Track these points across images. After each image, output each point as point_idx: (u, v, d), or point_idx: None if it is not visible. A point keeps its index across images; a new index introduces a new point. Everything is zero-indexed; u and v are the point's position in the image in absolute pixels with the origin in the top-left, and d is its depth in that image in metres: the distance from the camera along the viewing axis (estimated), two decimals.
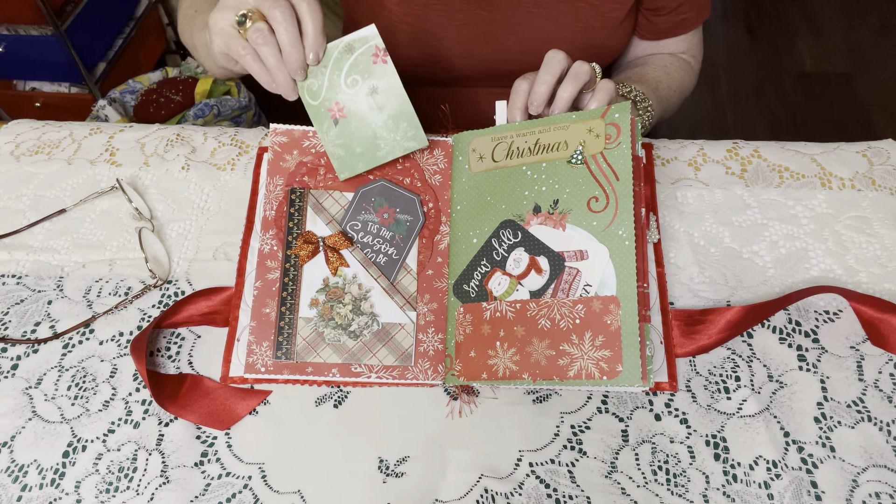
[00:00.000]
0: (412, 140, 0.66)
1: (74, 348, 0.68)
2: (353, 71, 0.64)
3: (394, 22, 0.79)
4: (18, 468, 0.61)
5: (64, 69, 1.79)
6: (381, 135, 0.66)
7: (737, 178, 0.76)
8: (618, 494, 0.58)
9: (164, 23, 2.20)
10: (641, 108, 0.75)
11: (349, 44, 0.63)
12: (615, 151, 0.60)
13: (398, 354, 0.64)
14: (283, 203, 0.68)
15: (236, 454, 0.62)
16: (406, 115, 0.65)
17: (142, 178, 0.80)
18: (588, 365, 0.56)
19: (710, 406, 0.62)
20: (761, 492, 0.58)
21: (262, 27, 0.59)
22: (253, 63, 0.60)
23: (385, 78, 0.64)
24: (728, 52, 2.31)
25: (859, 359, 0.64)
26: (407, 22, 0.79)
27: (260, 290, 0.66)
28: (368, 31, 0.62)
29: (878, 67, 2.22)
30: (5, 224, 0.77)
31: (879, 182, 0.75)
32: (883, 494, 0.57)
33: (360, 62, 0.63)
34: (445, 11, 0.78)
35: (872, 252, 0.70)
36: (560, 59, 0.62)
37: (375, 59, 0.63)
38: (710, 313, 0.65)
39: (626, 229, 0.58)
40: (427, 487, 0.59)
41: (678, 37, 0.86)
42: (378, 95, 0.64)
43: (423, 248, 0.68)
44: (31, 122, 0.87)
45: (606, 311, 0.57)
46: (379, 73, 0.64)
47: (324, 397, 0.64)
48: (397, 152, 0.66)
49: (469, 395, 0.63)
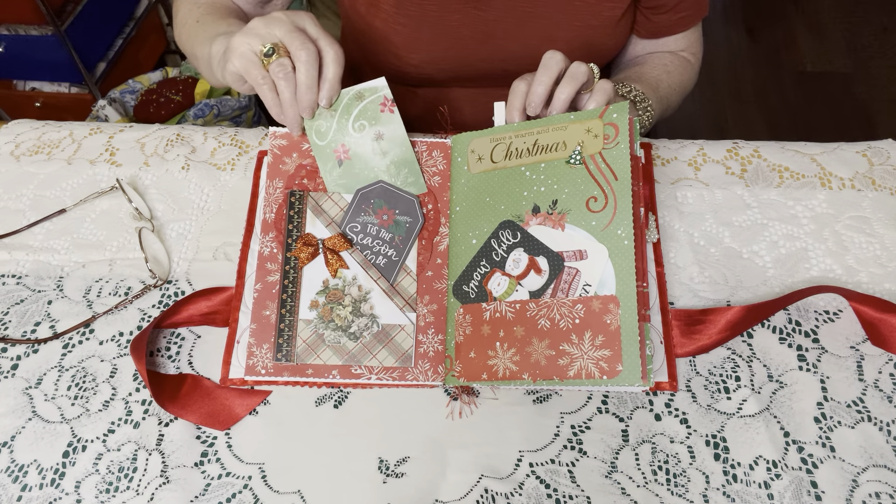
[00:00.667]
0: (412, 185, 0.69)
1: (74, 348, 0.68)
2: (362, 117, 0.67)
3: (390, 23, 0.79)
4: (18, 468, 0.61)
5: (64, 69, 1.79)
6: (382, 178, 0.69)
7: (737, 177, 0.76)
8: (618, 494, 0.58)
9: (164, 23, 2.20)
10: (641, 107, 0.75)
11: (360, 92, 0.66)
12: (613, 151, 0.60)
13: (398, 356, 0.64)
14: (283, 206, 0.68)
15: (236, 454, 0.62)
16: (408, 161, 0.69)
17: (142, 178, 0.80)
18: (588, 364, 0.56)
19: (710, 406, 0.62)
20: (761, 492, 0.58)
21: (286, 63, 0.61)
22: (268, 93, 0.63)
23: (391, 126, 0.67)
24: (728, 52, 2.31)
25: (859, 359, 0.64)
26: (402, 23, 0.79)
27: (260, 292, 0.66)
28: (379, 83, 0.66)
29: (878, 67, 2.22)
30: (5, 224, 0.77)
31: (879, 182, 0.75)
32: (883, 494, 0.57)
33: (368, 109, 0.67)
34: (441, 12, 0.78)
35: (872, 252, 0.70)
36: (558, 59, 0.62)
37: (383, 108, 0.67)
38: (710, 313, 0.65)
39: (624, 229, 0.58)
40: (427, 488, 0.59)
41: (677, 35, 0.86)
42: (383, 141, 0.68)
43: (423, 249, 0.68)
44: (31, 122, 0.87)
45: (606, 310, 0.57)
46: (385, 121, 0.67)
47: (324, 397, 0.64)
48: None
49: (469, 396, 0.63)
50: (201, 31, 0.76)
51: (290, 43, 0.61)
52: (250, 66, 0.62)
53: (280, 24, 0.61)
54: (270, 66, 0.61)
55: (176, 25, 0.84)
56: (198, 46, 0.76)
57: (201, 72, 0.79)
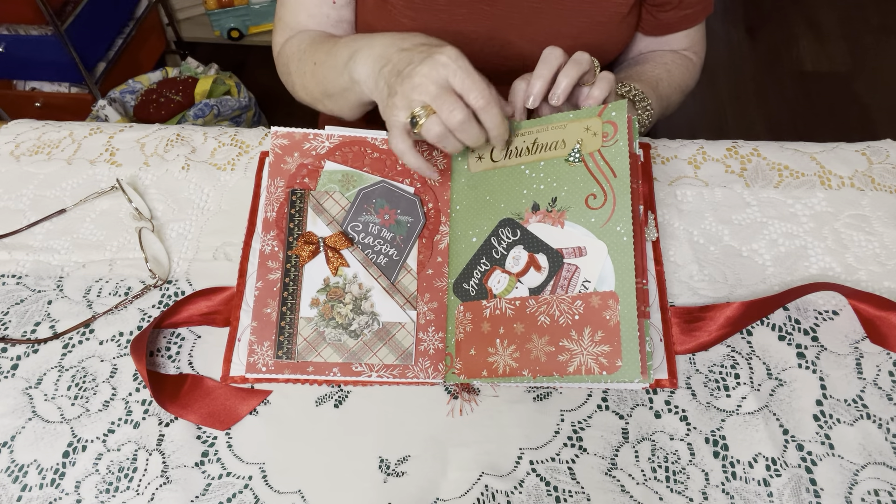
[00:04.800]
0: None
1: (74, 348, 0.68)
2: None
3: (396, 16, 0.79)
4: (18, 468, 0.61)
5: (64, 69, 1.79)
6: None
7: (736, 176, 0.76)
8: (617, 492, 0.58)
9: (164, 23, 2.20)
10: (640, 107, 0.75)
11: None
12: (612, 149, 0.60)
13: (399, 353, 0.64)
14: (284, 204, 0.68)
15: (237, 454, 0.62)
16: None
17: (142, 178, 0.80)
18: (588, 360, 0.56)
19: (710, 403, 0.62)
20: (760, 489, 0.58)
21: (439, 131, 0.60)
22: (452, 146, 0.62)
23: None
24: (728, 52, 2.31)
25: (858, 356, 0.64)
26: (410, 16, 0.79)
27: (261, 290, 0.66)
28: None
29: (878, 67, 2.22)
30: (5, 224, 0.77)
31: (879, 181, 0.75)
32: (882, 492, 0.57)
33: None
34: (448, 6, 0.78)
35: (871, 250, 0.70)
36: (557, 54, 0.62)
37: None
38: (709, 310, 0.65)
39: (624, 225, 0.58)
40: (428, 486, 0.59)
41: (681, 32, 0.86)
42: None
43: (423, 247, 0.68)
44: (31, 122, 0.87)
45: (605, 306, 0.57)
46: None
47: (324, 397, 0.64)
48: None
49: (469, 394, 0.64)
50: (325, 70, 0.75)
51: (439, 110, 0.59)
52: (407, 152, 0.62)
53: (422, 90, 0.59)
54: (423, 134, 0.60)
55: (293, 84, 0.83)
56: (330, 83, 0.74)
57: (340, 107, 0.77)
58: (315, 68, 0.77)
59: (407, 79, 0.60)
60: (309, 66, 0.78)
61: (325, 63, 0.75)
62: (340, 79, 0.71)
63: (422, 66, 0.59)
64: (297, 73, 0.81)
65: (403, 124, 0.61)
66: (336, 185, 0.69)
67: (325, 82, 0.75)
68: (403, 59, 0.62)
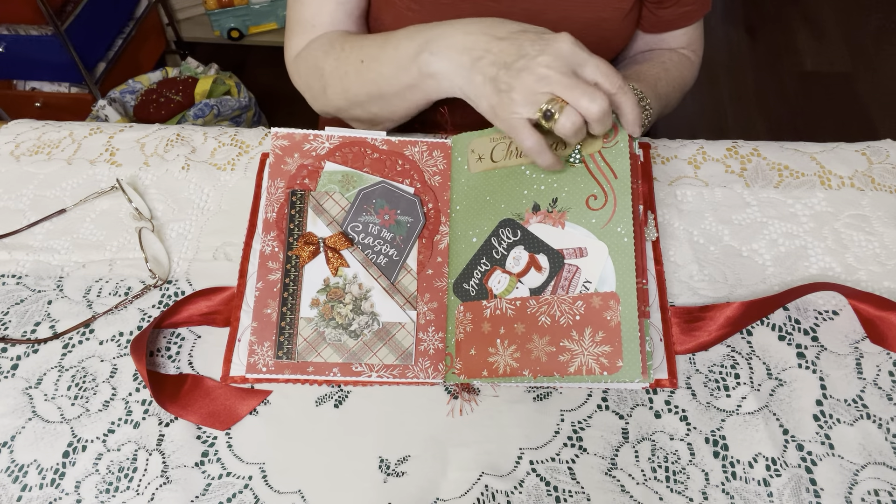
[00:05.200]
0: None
1: (74, 348, 0.68)
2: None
3: (400, 9, 0.79)
4: (18, 468, 0.61)
5: (64, 69, 1.79)
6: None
7: (736, 176, 0.76)
8: (617, 492, 0.58)
9: (164, 23, 2.20)
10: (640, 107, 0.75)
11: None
12: (613, 150, 0.60)
13: (399, 353, 0.65)
14: (284, 205, 0.68)
15: (237, 454, 0.62)
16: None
17: (142, 178, 0.80)
18: (588, 360, 0.57)
19: (710, 403, 0.62)
20: (760, 489, 0.58)
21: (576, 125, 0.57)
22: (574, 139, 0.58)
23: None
24: (728, 52, 2.31)
25: (858, 357, 0.64)
26: (414, 9, 0.78)
27: (261, 290, 0.66)
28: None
29: (878, 67, 2.22)
30: (5, 224, 0.77)
31: (879, 181, 0.75)
32: (882, 492, 0.57)
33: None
34: (453, 1, 0.78)
35: (872, 250, 0.70)
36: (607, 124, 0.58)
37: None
38: (709, 310, 0.65)
39: (624, 226, 0.58)
40: (428, 486, 0.59)
41: (680, 30, 0.86)
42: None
43: (423, 248, 0.68)
44: (31, 122, 0.87)
45: (606, 307, 0.57)
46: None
47: (324, 397, 0.64)
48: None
49: (469, 394, 0.64)
50: (379, 66, 0.69)
51: (575, 102, 0.54)
52: (546, 150, 0.57)
53: (549, 82, 0.54)
54: (557, 129, 0.55)
55: (325, 88, 0.76)
56: (386, 81, 0.69)
57: (392, 110, 0.72)
58: (363, 66, 0.71)
59: (525, 71, 0.55)
60: (353, 65, 0.72)
61: (378, 58, 0.69)
62: (404, 75, 0.66)
63: (543, 56, 0.55)
64: (332, 76, 0.75)
65: (529, 121, 0.56)
66: (336, 185, 0.69)
67: (380, 81, 0.70)
68: (508, 49, 0.57)
